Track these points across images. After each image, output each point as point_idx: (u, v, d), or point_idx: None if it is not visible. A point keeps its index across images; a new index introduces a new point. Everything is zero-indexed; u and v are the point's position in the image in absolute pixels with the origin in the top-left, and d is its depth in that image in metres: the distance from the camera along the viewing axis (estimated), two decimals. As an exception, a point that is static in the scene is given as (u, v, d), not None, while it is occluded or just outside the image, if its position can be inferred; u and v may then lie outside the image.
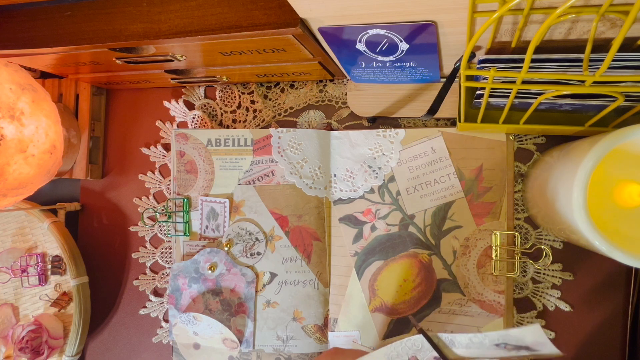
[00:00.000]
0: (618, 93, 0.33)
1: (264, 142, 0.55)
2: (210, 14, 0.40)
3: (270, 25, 0.38)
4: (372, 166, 0.53)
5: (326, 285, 0.54)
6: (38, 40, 0.45)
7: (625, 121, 0.39)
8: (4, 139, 0.43)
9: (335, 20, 0.36)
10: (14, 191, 0.46)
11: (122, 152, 0.63)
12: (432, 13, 0.33)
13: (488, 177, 0.50)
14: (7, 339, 0.58)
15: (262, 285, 0.54)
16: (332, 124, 0.57)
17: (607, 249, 0.34)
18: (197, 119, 0.60)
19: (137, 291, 0.61)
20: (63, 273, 0.60)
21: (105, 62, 0.50)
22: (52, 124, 0.49)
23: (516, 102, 0.40)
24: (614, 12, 0.29)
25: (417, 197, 0.52)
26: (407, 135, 0.52)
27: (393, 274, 0.52)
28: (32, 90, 0.47)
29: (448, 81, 0.41)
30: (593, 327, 0.49)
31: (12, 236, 0.62)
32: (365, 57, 0.43)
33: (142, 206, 0.62)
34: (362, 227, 0.53)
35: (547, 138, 0.51)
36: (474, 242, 0.50)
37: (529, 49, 0.30)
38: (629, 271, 0.48)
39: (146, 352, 0.61)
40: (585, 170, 0.33)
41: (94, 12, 0.44)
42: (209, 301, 0.54)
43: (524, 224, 0.51)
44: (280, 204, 0.54)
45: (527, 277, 0.50)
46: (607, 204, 0.38)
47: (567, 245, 0.50)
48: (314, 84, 0.57)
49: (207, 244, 0.55)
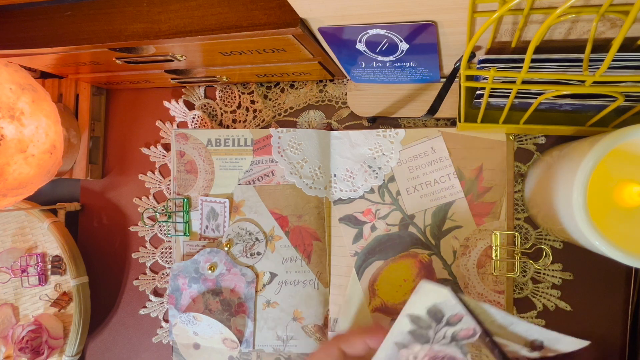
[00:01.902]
0: (618, 93, 0.33)
1: (264, 142, 0.55)
2: (210, 14, 0.40)
3: (270, 25, 0.38)
4: (372, 166, 0.53)
5: (326, 285, 0.54)
6: (38, 40, 0.45)
7: (625, 121, 0.40)
8: (4, 139, 0.43)
9: (335, 20, 0.36)
10: (14, 191, 0.46)
11: (122, 152, 0.63)
12: (432, 13, 0.33)
13: (488, 177, 0.50)
14: (7, 339, 0.58)
15: (262, 285, 0.54)
16: (332, 124, 0.57)
17: (607, 249, 0.34)
18: (197, 119, 0.60)
19: (137, 291, 0.61)
20: (63, 273, 0.60)
21: (105, 62, 0.50)
22: (52, 124, 0.49)
23: (516, 102, 0.40)
24: (614, 12, 0.29)
25: (417, 197, 0.52)
26: (407, 135, 0.52)
27: (393, 274, 0.52)
28: (32, 90, 0.47)
29: (448, 81, 0.41)
30: (593, 327, 0.49)
31: (12, 236, 0.62)
32: (365, 57, 0.43)
33: (142, 206, 0.62)
34: (362, 227, 0.53)
35: (547, 138, 0.51)
36: (474, 242, 0.50)
37: (529, 49, 0.30)
38: (629, 271, 0.48)
39: (146, 352, 0.61)
40: (585, 170, 0.33)
41: (94, 12, 0.44)
42: (209, 301, 0.54)
43: (524, 224, 0.51)
44: (280, 204, 0.54)
45: (527, 277, 0.50)
46: (607, 204, 0.38)
47: (567, 245, 0.50)
48: (314, 84, 0.57)
49: (207, 244, 0.55)
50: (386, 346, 0.35)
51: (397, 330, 0.34)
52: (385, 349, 0.35)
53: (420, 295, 0.33)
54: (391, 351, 0.34)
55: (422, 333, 0.34)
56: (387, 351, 0.35)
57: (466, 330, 0.33)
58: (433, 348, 0.34)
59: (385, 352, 0.35)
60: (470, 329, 0.33)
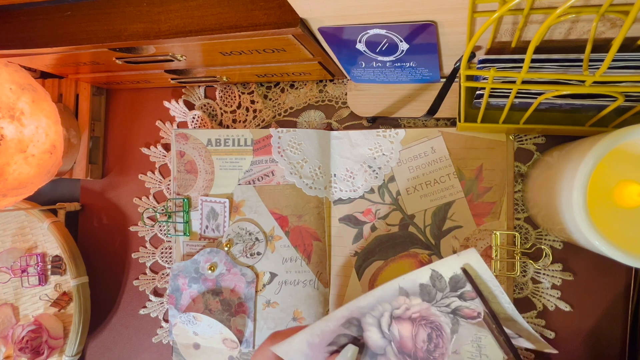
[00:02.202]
0: (618, 93, 0.33)
1: (264, 142, 0.55)
2: (210, 14, 0.40)
3: (270, 25, 0.38)
4: (372, 166, 0.53)
5: (326, 285, 0.54)
6: (38, 40, 0.45)
7: (625, 121, 0.39)
8: (4, 139, 0.43)
9: (335, 20, 0.36)
10: (14, 191, 0.46)
11: (122, 152, 0.63)
12: (432, 13, 0.33)
13: (488, 177, 0.50)
14: (7, 339, 0.58)
15: (262, 285, 0.54)
16: (332, 124, 0.57)
17: (607, 249, 0.34)
18: (197, 119, 0.60)
19: (137, 291, 0.61)
20: (63, 273, 0.60)
21: (105, 62, 0.50)
22: (52, 124, 0.49)
23: (516, 102, 0.40)
24: (614, 12, 0.29)
25: (417, 197, 0.52)
26: (407, 135, 0.52)
27: (393, 274, 0.52)
28: (32, 90, 0.47)
29: (448, 81, 0.41)
30: (593, 327, 0.49)
31: (12, 236, 0.62)
32: (365, 57, 0.43)
33: (142, 206, 0.62)
34: (362, 227, 0.53)
35: (547, 138, 0.50)
36: (474, 242, 0.50)
37: (529, 49, 0.30)
38: (629, 271, 0.48)
39: (146, 352, 0.61)
40: (585, 170, 0.33)
41: (94, 12, 0.44)
42: (209, 301, 0.54)
43: (524, 224, 0.51)
44: (280, 204, 0.54)
45: (527, 277, 0.50)
46: (607, 204, 0.38)
47: (567, 245, 0.50)
48: (314, 84, 0.57)
49: (207, 244, 0.55)
50: (388, 286, 0.34)
51: (411, 277, 0.34)
52: (387, 288, 0.34)
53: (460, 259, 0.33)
54: (391, 292, 0.34)
55: (431, 292, 0.34)
56: (386, 290, 0.34)
57: (471, 310, 0.33)
58: (430, 309, 0.34)
59: (385, 291, 0.34)
60: (475, 311, 0.33)
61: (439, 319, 0.34)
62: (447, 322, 0.34)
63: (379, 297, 0.35)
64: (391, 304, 0.34)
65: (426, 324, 0.34)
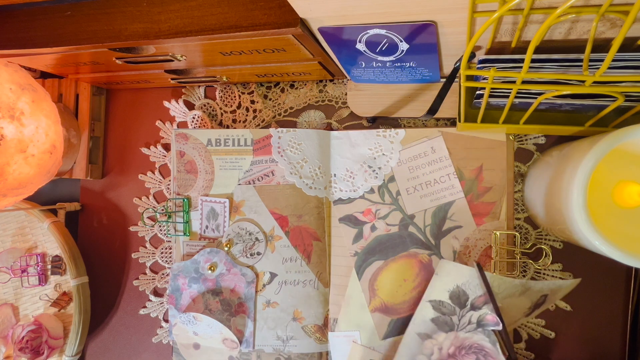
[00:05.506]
0: (618, 93, 0.33)
1: (264, 142, 0.55)
2: (210, 14, 0.40)
3: (270, 25, 0.38)
4: (372, 166, 0.53)
5: (326, 285, 0.54)
6: (38, 40, 0.45)
7: (625, 121, 0.40)
8: (4, 139, 0.43)
9: (335, 20, 0.36)
10: (14, 191, 0.46)
11: (122, 152, 0.63)
12: (432, 13, 0.33)
13: (488, 177, 0.50)
14: (7, 339, 0.58)
15: (262, 285, 0.54)
16: (332, 124, 0.57)
17: (607, 249, 0.34)
18: (197, 119, 0.60)
19: (137, 291, 0.61)
20: (63, 273, 0.60)
21: (105, 62, 0.50)
22: (52, 124, 0.49)
23: (516, 102, 0.40)
24: (614, 12, 0.29)
25: (417, 197, 0.52)
26: (407, 135, 0.52)
27: (393, 274, 0.52)
28: (32, 90, 0.47)
29: (448, 81, 0.41)
30: (593, 327, 0.49)
31: (12, 236, 0.62)
32: (365, 57, 0.43)
33: (142, 206, 0.62)
34: (362, 227, 0.53)
35: (547, 138, 0.50)
36: (474, 242, 0.50)
37: (529, 49, 0.30)
38: (629, 271, 0.48)
39: (146, 352, 0.61)
40: (585, 170, 0.33)
41: (94, 12, 0.44)
42: (209, 301, 0.54)
43: (524, 224, 0.51)
44: (280, 204, 0.54)
45: (527, 277, 0.50)
46: (607, 204, 0.38)
47: (567, 245, 0.50)
48: (314, 84, 0.57)
49: (207, 244, 0.55)
50: (408, 339, 0.32)
51: (419, 319, 0.32)
52: (408, 342, 0.32)
53: (440, 277, 0.31)
54: (414, 343, 0.32)
55: (446, 320, 0.32)
56: (409, 344, 0.32)
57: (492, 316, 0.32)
58: (459, 336, 0.32)
59: (407, 347, 0.32)
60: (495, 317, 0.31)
61: (473, 339, 0.32)
62: (482, 337, 0.32)
63: (406, 354, 0.33)
64: (424, 353, 0.32)
65: (467, 352, 0.32)
